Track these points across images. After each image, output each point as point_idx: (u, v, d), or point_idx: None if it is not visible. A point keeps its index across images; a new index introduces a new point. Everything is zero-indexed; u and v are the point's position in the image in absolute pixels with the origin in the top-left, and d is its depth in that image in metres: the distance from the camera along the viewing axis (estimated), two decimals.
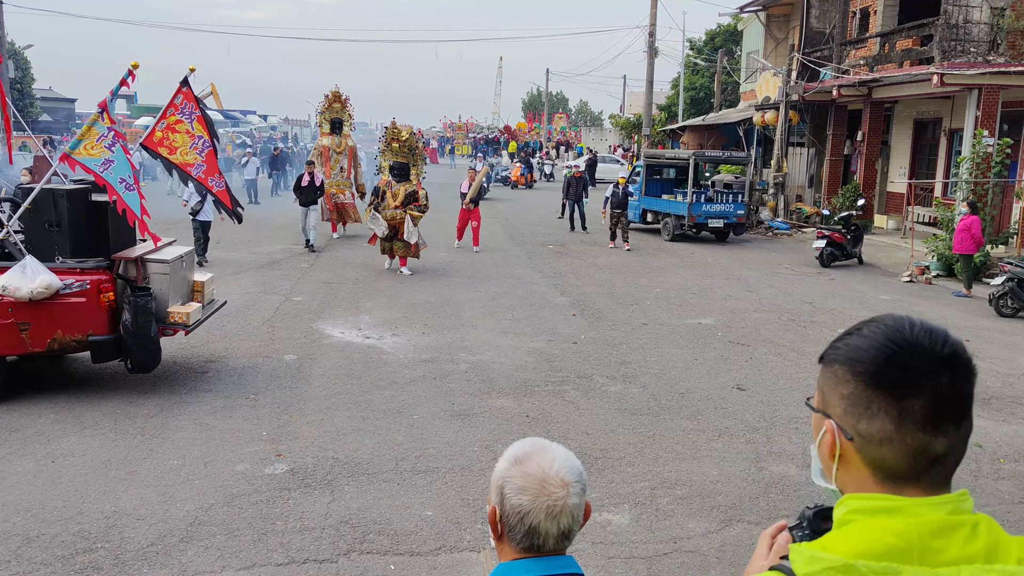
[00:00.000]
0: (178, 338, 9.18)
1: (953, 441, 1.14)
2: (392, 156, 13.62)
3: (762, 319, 11.04)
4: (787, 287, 13.60)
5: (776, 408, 7.41)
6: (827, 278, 14.69)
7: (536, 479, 1.45)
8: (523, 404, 7.33)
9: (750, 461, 6.18)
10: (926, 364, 1.13)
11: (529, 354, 9.01)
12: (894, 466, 1.14)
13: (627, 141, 49.74)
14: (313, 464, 5.89)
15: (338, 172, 17.91)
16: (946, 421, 1.12)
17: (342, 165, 18.01)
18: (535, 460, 1.47)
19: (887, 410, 1.13)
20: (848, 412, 1.17)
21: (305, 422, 6.75)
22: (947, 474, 1.16)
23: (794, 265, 16.13)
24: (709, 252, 17.66)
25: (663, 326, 10.51)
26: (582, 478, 1.49)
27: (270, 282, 12.78)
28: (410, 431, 6.60)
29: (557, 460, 1.48)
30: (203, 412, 6.93)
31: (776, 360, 9.04)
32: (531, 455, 1.48)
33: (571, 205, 20.54)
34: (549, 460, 1.47)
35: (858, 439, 1.16)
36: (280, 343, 9.20)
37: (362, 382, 7.87)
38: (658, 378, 8.25)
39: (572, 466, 1.48)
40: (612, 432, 6.70)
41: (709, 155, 21.41)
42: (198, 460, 5.92)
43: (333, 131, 18.06)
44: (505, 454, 1.51)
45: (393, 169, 13.59)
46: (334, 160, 17.89)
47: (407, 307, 11.23)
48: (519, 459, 1.48)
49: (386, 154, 13.65)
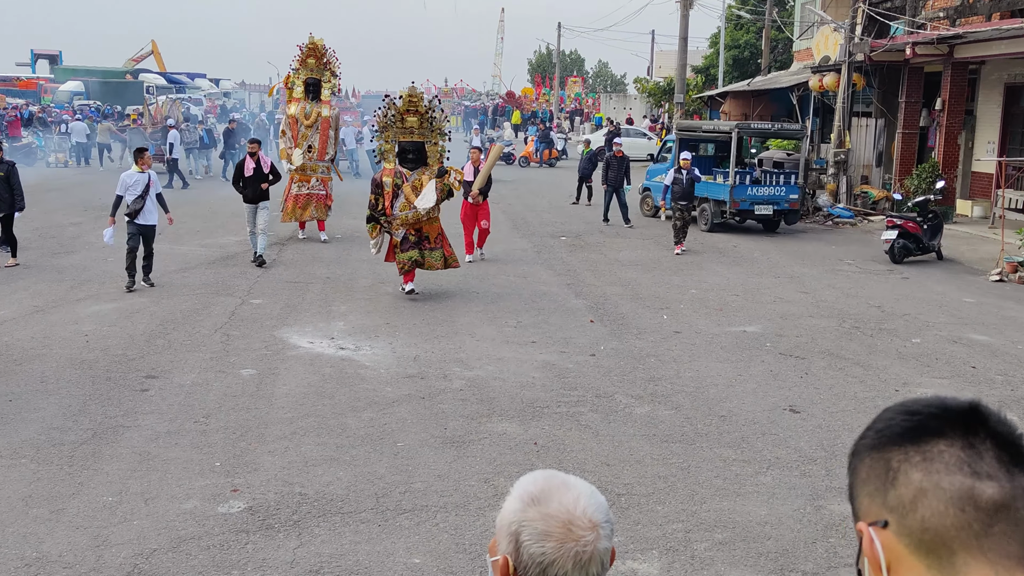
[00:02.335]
0: (111, 350, 9.21)
1: (1012, 490, 1.06)
2: (404, 135, 11.78)
3: (820, 326, 11.05)
4: (850, 287, 13.60)
5: (837, 434, 7.41)
6: (899, 277, 14.68)
7: (560, 522, 1.45)
8: (530, 429, 7.34)
9: (805, 498, 6.18)
10: (948, 413, 1.12)
11: (537, 368, 9.02)
12: (940, 527, 1.06)
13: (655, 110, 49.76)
14: (276, 501, 5.91)
15: (304, 151, 16.13)
16: (988, 461, 1.08)
17: (312, 143, 16.16)
18: (556, 499, 1.47)
19: (909, 459, 1.11)
20: (874, 493, 1.15)
21: (266, 450, 6.76)
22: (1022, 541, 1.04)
23: (859, 261, 16.13)
24: (755, 245, 17.67)
25: (700, 335, 10.52)
26: (610, 517, 1.50)
27: (223, 281, 12.81)
28: (393, 461, 6.61)
29: (582, 497, 1.48)
30: (143, 439, 6.94)
31: (837, 376, 9.04)
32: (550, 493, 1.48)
33: (609, 192, 19.82)
34: (573, 498, 1.48)
35: (892, 518, 1.11)
36: (236, 355, 9.22)
37: (335, 402, 7.88)
38: (693, 398, 8.26)
39: (598, 503, 1.49)
40: (638, 463, 6.70)
41: (756, 127, 21.38)
42: (137, 496, 5.93)
43: (307, 95, 16.29)
44: (515, 492, 1.52)
45: (406, 153, 11.74)
46: (301, 136, 16.09)
47: (389, 311, 11.25)
48: (536, 498, 1.48)
49: (392, 132, 11.81)
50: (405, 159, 11.76)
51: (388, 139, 11.80)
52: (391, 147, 11.79)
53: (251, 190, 13.79)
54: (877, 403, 8.18)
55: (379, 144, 11.90)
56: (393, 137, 11.78)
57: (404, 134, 11.78)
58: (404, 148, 11.77)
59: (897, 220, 16.27)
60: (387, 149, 11.82)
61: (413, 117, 11.79)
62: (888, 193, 21.94)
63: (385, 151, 11.84)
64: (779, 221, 19.54)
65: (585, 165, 23.46)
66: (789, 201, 19.13)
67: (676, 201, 16.30)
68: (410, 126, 11.77)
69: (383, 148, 11.85)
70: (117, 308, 11.05)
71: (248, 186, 13.81)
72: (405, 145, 11.77)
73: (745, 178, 19.00)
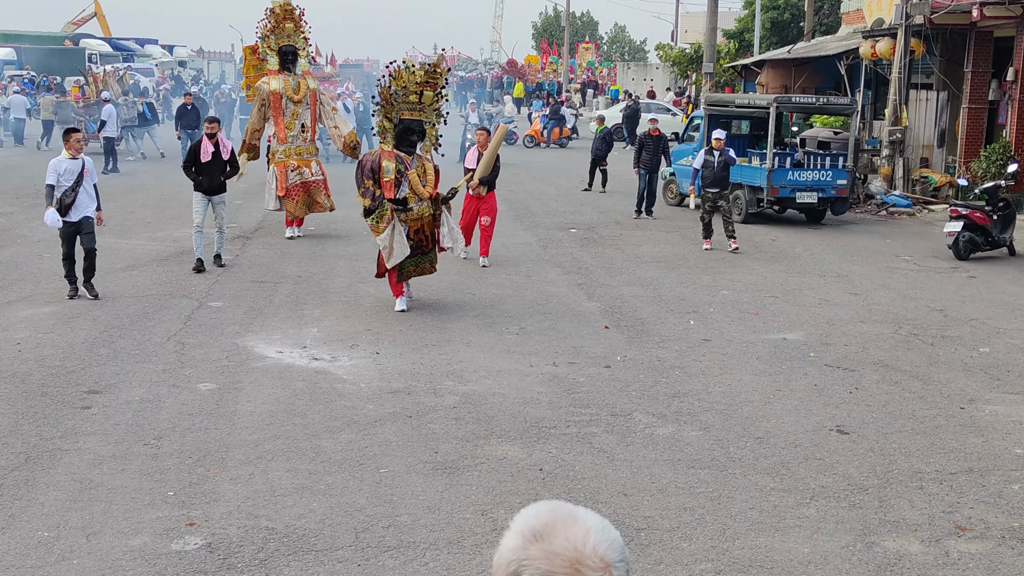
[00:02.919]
0: (47, 361, 9.22)
1: None
2: (410, 112, 11.36)
3: (872, 333, 11.05)
4: (908, 288, 13.60)
5: (892, 459, 7.41)
6: (964, 275, 14.68)
7: (567, 560, 1.45)
8: (534, 453, 7.34)
9: (855, 534, 6.17)
10: None
11: (543, 382, 9.02)
12: None
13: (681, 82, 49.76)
14: (239, 537, 5.91)
15: (298, 133, 16.04)
16: None
17: (304, 122, 16.11)
18: (562, 534, 1.48)
19: None
20: None
21: (228, 478, 6.76)
22: None
23: (918, 257, 16.13)
24: (797, 238, 17.67)
25: (732, 343, 10.52)
26: (625, 555, 1.50)
27: (178, 281, 12.82)
28: (375, 491, 6.60)
29: (592, 532, 1.48)
30: (84, 464, 6.94)
31: (892, 392, 9.03)
32: (555, 527, 1.49)
33: (644, 178, 19.35)
34: (581, 533, 1.48)
35: None
36: (193, 366, 9.23)
37: (308, 421, 7.89)
38: (725, 416, 8.25)
39: (612, 539, 1.50)
40: (660, 492, 6.70)
41: (797, 102, 21.35)
42: (77, 531, 5.93)
43: (285, 67, 16.04)
44: (515, 527, 1.52)
45: (410, 134, 11.35)
46: (291, 115, 15.93)
47: (370, 316, 11.26)
48: (539, 533, 1.49)
49: (395, 109, 11.29)
50: (406, 141, 11.34)
51: (391, 115, 11.29)
52: (391, 126, 11.30)
53: (207, 178, 13.24)
54: (938, 423, 8.19)
55: (379, 121, 11.43)
56: (396, 114, 11.29)
57: (411, 110, 11.34)
58: (409, 127, 11.31)
59: (962, 210, 16.25)
60: (388, 128, 11.32)
61: (430, 92, 11.42)
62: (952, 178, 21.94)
63: (386, 130, 11.34)
64: (825, 211, 19.55)
65: (599, 146, 23.47)
66: (836, 187, 19.12)
67: (706, 188, 16.18)
68: (424, 103, 11.39)
69: (384, 126, 11.35)
70: (54, 312, 11.06)
71: (204, 173, 13.24)
72: (411, 124, 11.32)
73: (785, 161, 19.00)
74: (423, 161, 11.41)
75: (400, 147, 11.28)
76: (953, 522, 6.38)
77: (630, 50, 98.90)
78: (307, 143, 16.20)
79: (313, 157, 16.31)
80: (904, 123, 22.95)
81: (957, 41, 22.80)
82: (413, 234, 11.30)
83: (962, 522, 6.38)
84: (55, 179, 11.44)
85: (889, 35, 22.98)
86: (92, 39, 64.24)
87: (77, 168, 11.47)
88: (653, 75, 60.00)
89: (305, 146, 16.16)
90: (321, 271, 13.68)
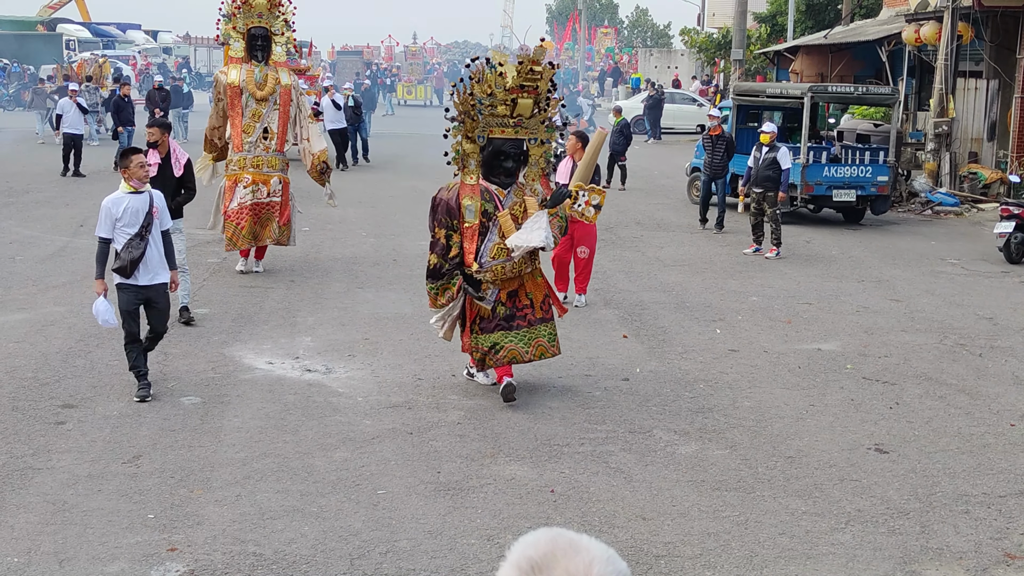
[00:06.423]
0: (18, 372, 9.25)
1: None
2: (499, 129, 8.83)
3: (915, 343, 11.02)
4: (954, 294, 13.56)
5: (935, 481, 7.39)
6: (1017, 280, 14.63)
7: None
8: (545, 473, 7.34)
9: (895, 562, 6.16)
10: None
11: (555, 396, 9.03)
12: None
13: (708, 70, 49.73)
14: (224, 564, 5.92)
15: (257, 139, 13.36)
16: None
17: (268, 125, 13.44)
18: (562, 565, 1.48)
19: None
20: None
21: (213, 499, 6.78)
22: None
23: (966, 260, 16.09)
24: (834, 240, 17.63)
25: (762, 354, 10.51)
26: None
27: None
28: (372, 514, 6.61)
29: (596, 563, 1.49)
30: (58, 484, 6.96)
31: (936, 406, 9.01)
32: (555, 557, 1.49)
33: (707, 183, 18.40)
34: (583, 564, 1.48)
35: None
36: (175, 378, 9.25)
37: (300, 438, 7.90)
38: (753, 434, 8.24)
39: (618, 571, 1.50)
40: (682, 516, 6.70)
41: (834, 91, 21.29)
42: (50, 556, 5.95)
43: (252, 55, 13.54)
44: (511, 558, 1.52)
45: (502, 159, 8.90)
46: (251, 115, 13.35)
47: (368, 324, 11.26)
48: (537, 564, 1.49)
49: (480, 125, 8.79)
50: (498, 168, 8.96)
51: (473, 135, 8.86)
52: (475, 149, 8.91)
53: None
54: (987, 441, 8.16)
55: (455, 144, 8.98)
56: (482, 132, 8.83)
57: (502, 127, 8.86)
58: (500, 151, 8.88)
59: (1014, 209, 16.21)
60: (470, 152, 8.91)
61: (527, 99, 8.83)
62: (1003, 174, 21.87)
63: (468, 154, 8.94)
64: (864, 210, 19.51)
65: (616, 139, 23.45)
66: (877, 185, 19.08)
67: (754, 188, 16.09)
68: (522, 114, 8.84)
69: (464, 150, 8.94)
70: (26, 319, 11.10)
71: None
72: (502, 146, 8.89)
73: (821, 155, 18.99)
74: (524, 196, 8.99)
75: (491, 177, 8.98)
76: (1002, 549, 6.36)
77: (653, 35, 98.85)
78: (269, 153, 13.40)
79: (276, 172, 13.47)
80: (951, 114, 22.89)
81: (1009, 25, 22.73)
82: (507, 298, 8.99)
83: (1012, 549, 6.36)
84: (110, 228, 8.72)
85: (935, 18, 22.93)
86: (70, 24, 64.42)
87: (143, 206, 8.75)
88: (678, 62, 59.99)
89: (266, 157, 13.36)
90: (315, 276, 13.66)
